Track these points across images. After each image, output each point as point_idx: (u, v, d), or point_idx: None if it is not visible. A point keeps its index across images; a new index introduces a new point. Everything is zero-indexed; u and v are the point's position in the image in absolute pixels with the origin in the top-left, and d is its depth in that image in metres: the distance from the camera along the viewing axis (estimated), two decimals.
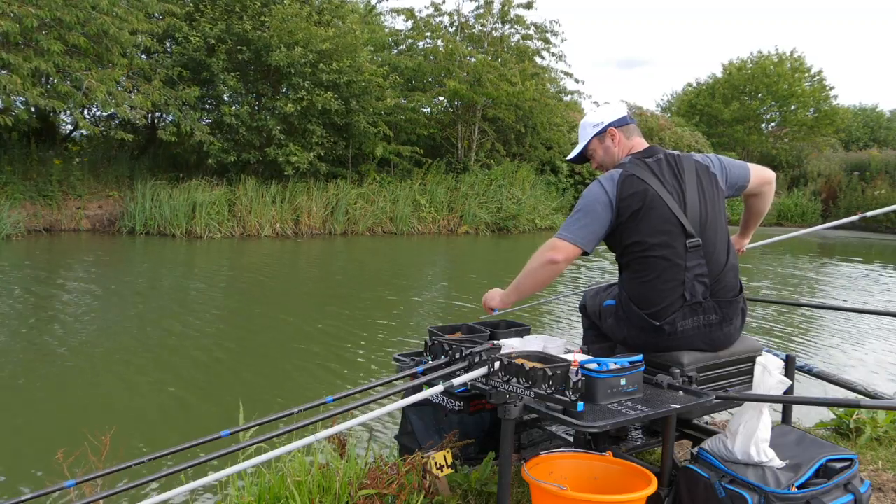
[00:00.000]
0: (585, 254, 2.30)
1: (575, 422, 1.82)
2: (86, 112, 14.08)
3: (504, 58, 17.75)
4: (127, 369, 5.19)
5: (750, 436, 1.97)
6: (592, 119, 2.52)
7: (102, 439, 2.23)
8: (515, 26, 18.50)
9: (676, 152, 2.42)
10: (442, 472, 2.21)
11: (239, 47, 13.98)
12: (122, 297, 8.03)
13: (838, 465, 1.98)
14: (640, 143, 2.47)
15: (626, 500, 1.78)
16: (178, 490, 1.70)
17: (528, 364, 2.02)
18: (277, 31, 13.80)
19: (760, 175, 2.56)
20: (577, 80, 26.43)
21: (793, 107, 26.67)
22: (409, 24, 18.58)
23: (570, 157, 2.65)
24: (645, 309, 2.27)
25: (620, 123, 2.47)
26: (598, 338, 2.63)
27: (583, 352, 2.51)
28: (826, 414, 3.52)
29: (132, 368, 5.21)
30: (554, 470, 1.95)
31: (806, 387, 4.08)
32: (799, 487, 1.90)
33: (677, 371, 2.17)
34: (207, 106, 15.08)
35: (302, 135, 14.50)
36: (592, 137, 2.50)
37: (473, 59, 17.32)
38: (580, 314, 2.78)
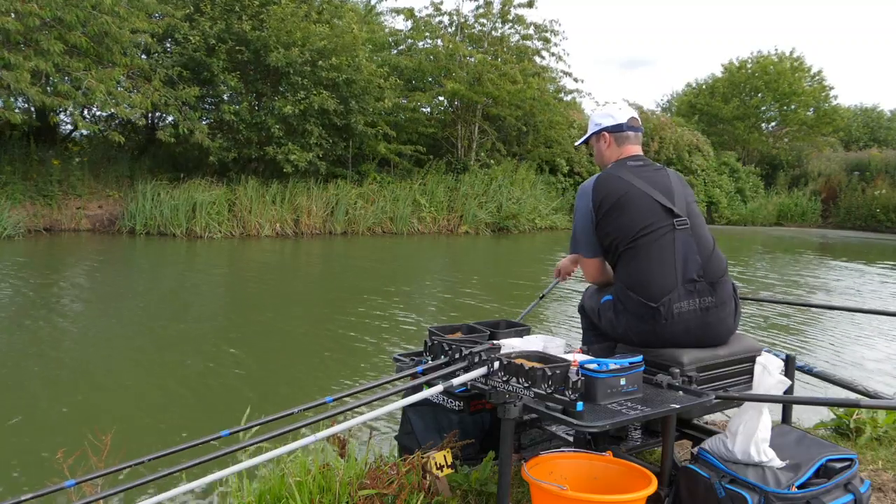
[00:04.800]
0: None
1: (575, 422, 1.82)
2: (85, 111, 14.05)
3: (504, 58, 17.73)
4: (127, 369, 5.19)
5: (750, 436, 1.97)
6: (597, 117, 2.66)
7: (102, 439, 2.23)
8: (515, 26, 18.48)
9: (661, 165, 2.60)
10: (442, 472, 2.20)
11: (238, 47, 13.99)
12: (122, 297, 8.03)
13: (838, 465, 1.98)
14: (630, 152, 2.57)
15: (626, 500, 1.78)
16: (178, 490, 1.70)
17: (528, 364, 2.03)
18: (275, 31, 13.80)
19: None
20: (575, 80, 26.31)
21: (793, 106, 26.62)
22: (409, 24, 18.58)
23: (577, 143, 2.95)
24: (641, 293, 2.31)
25: (615, 130, 2.58)
26: (597, 338, 2.65)
27: (583, 352, 2.51)
28: (826, 414, 3.51)
29: (132, 368, 5.21)
30: (554, 470, 1.95)
31: (806, 387, 4.09)
32: (799, 487, 1.90)
33: (677, 371, 2.18)
34: (207, 106, 15.08)
35: (301, 135, 14.50)
36: (591, 134, 2.66)
37: (473, 59, 17.30)
38: (579, 315, 2.80)
